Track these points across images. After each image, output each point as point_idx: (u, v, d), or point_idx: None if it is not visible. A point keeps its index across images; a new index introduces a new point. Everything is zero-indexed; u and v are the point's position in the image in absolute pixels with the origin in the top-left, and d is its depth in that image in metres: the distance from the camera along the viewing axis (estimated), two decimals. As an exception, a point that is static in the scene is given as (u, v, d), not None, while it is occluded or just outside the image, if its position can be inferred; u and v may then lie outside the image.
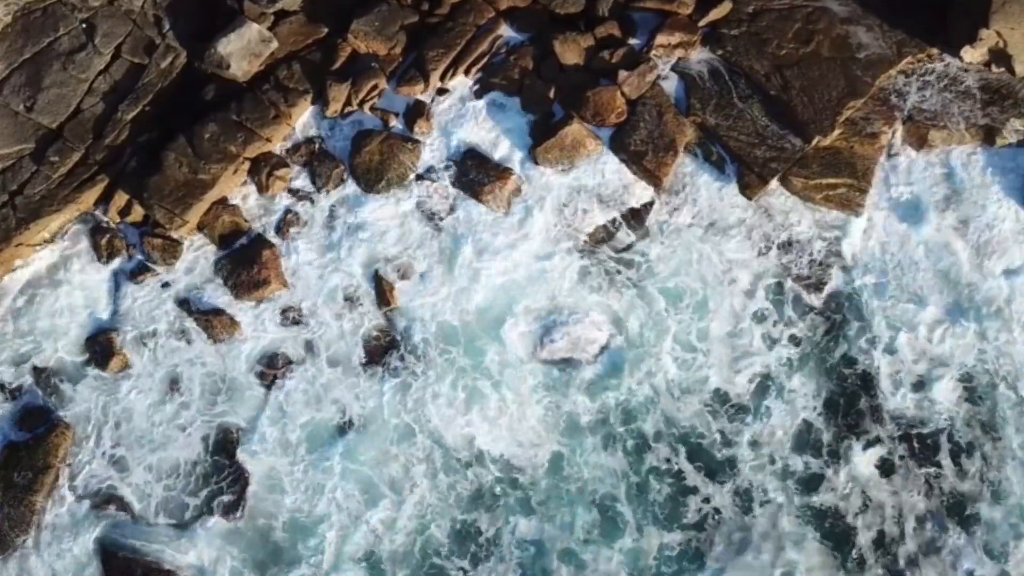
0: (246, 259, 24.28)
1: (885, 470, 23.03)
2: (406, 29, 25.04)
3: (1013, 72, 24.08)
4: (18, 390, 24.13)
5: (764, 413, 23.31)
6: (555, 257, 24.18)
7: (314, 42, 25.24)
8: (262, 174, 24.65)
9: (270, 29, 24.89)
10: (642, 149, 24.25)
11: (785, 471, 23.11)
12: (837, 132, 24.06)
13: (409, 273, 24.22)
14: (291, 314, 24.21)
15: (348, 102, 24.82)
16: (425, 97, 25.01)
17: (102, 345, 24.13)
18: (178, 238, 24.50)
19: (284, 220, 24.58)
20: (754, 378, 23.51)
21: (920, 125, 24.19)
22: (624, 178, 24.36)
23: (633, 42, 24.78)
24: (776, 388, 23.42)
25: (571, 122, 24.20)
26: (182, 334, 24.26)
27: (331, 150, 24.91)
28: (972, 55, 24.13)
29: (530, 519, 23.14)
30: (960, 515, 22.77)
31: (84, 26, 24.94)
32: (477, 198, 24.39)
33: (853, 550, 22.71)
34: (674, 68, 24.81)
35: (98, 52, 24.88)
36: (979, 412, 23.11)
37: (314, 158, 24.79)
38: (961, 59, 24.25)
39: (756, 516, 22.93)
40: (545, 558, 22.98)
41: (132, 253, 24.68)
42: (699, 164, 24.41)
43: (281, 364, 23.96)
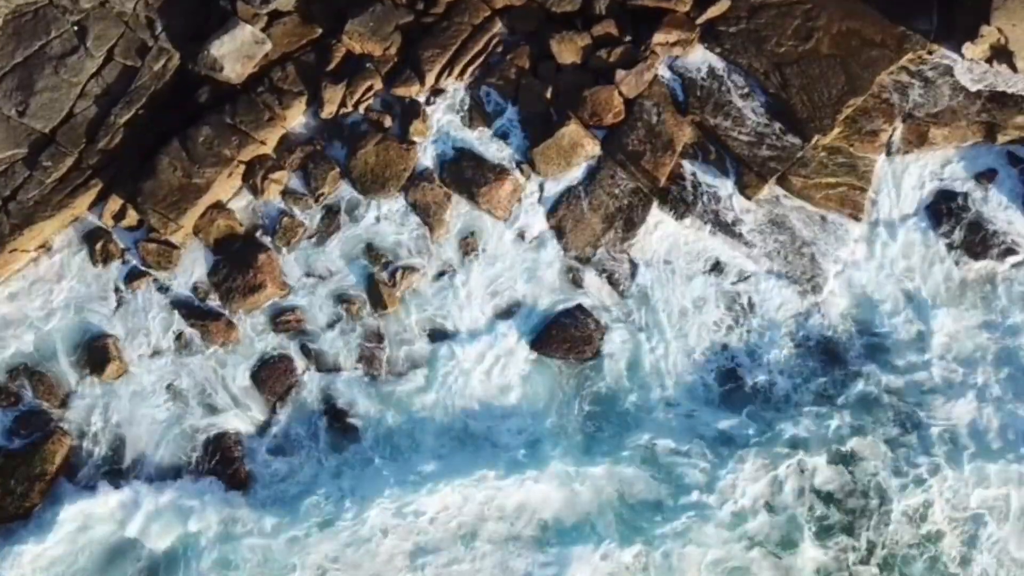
0: (242, 263, 24.08)
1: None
2: (401, 29, 24.80)
3: (1014, 68, 23.85)
4: (13, 396, 23.96)
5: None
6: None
7: (308, 43, 25.04)
8: (257, 177, 24.45)
9: (263, 30, 24.66)
10: (640, 149, 24.03)
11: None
12: (837, 130, 23.85)
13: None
14: (287, 318, 24.06)
15: (343, 103, 24.61)
16: (420, 98, 24.79)
17: (98, 351, 23.97)
18: (173, 242, 24.32)
19: (279, 223, 24.39)
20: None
21: (921, 123, 23.95)
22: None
23: (630, 40, 24.55)
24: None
25: (569, 122, 23.98)
26: (178, 339, 24.13)
27: (326, 152, 24.69)
28: (973, 52, 23.90)
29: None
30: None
31: (76, 29, 24.71)
32: (473, 200, 24.20)
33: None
34: (672, 67, 24.59)
35: (90, 55, 24.66)
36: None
37: (309, 160, 24.56)
38: (962, 56, 24.03)
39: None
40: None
41: (127, 258, 24.52)
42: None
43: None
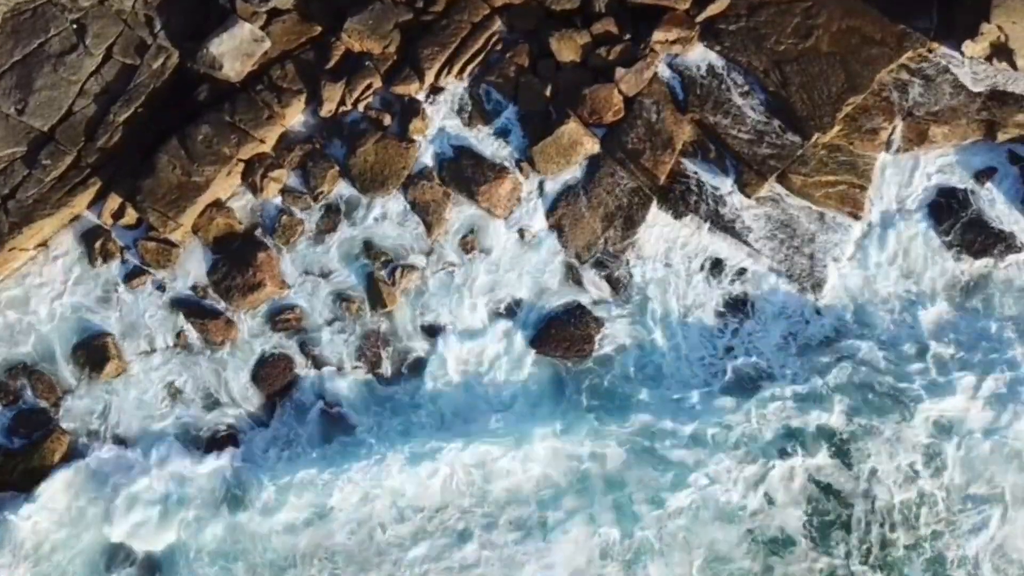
0: (241, 261, 24.05)
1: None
2: (400, 27, 24.74)
3: (1014, 66, 23.81)
4: (13, 395, 23.95)
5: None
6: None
7: (307, 41, 24.98)
8: (256, 176, 24.41)
9: (263, 28, 24.61)
10: (639, 147, 24.00)
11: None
12: (837, 128, 23.81)
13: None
14: (287, 316, 24.04)
15: (342, 102, 24.56)
16: (420, 96, 24.75)
17: (97, 350, 23.94)
18: (172, 241, 24.29)
19: (279, 222, 24.35)
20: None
21: (920, 121, 23.91)
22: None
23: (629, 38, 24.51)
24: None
25: (568, 121, 23.95)
26: (178, 337, 24.10)
27: (325, 151, 24.64)
28: (973, 49, 23.86)
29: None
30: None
31: (75, 27, 24.65)
32: (473, 198, 24.17)
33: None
34: (671, 65, 24.55)
35: (89, 53, 24.61)
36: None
37: (308, 159, 24.51)
38: (962, 53, 23.99)
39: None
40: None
41: (126, 256, 24.49)
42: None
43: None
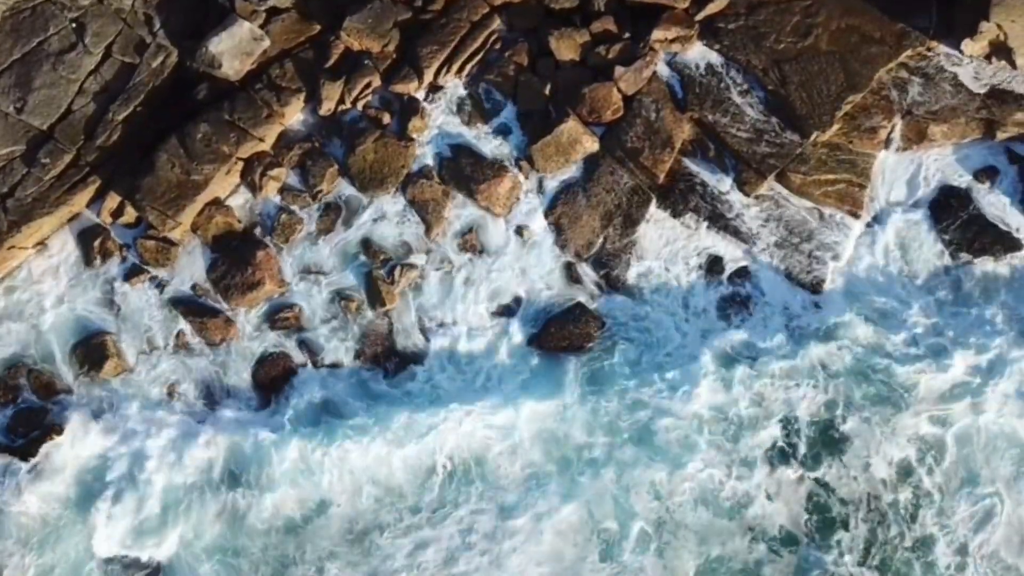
0: (240, 260, 24.04)
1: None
2: (399, 26, 24.74)
3: (1013, 65, 23.80)
4: (11, 394, 23.93)
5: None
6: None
7: (307, 40, 24.96)
8: (255, 174, 24.40)
9: (262, 27, 24.60)
10: (639, 146, 24.00)
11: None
12: (836, 127, 23.81)
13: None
14: (286, 315, 24.02)
15: (341, 100, 24.55)
16: (419, 95, 24.75)
17: (96, 348, 23.92)
18: (172, 239, 24.28)
19: (278, 220, 24.35)
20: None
21: (920, 119, 23.91)
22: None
23: (629, 37, 24.51)
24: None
25: (567, 119, 23.94)
26: (177, 336, 24.08)
27: (324, 149, 24.63)
28: (972, 48, 23.84)
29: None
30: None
31: (74, 25, 24.65)
32: (472, 196, 24.16)
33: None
34: (671, 63, 24.55)
35: (88, 52, 24.61)
36: None
37: (307, 158, 24.50)
38: (961, 52, 23.98)
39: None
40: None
41: (125, 255, 24.49)
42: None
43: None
